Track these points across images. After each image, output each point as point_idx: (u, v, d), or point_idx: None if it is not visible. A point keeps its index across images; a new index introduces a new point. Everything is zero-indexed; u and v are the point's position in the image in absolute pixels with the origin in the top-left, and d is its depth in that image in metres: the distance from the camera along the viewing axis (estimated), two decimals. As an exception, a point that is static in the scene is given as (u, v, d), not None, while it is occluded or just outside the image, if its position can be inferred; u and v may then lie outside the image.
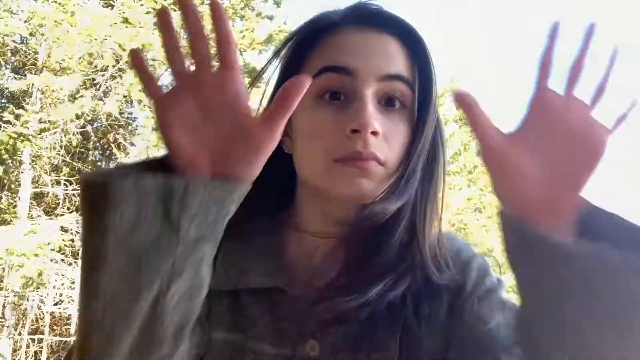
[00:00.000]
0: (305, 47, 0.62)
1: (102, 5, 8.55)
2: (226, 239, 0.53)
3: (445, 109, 20.01)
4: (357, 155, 0.55)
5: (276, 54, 0.66)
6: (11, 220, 7.34)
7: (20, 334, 8.21)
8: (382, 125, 0.57)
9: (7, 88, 7.24)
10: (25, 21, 7.34)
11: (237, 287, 0.62)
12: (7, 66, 8.62)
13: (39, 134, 6.98)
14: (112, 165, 11.20)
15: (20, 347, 8.35)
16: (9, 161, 7.12)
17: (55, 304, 8.61)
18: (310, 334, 0.59)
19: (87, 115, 8.23)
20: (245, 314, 0.61)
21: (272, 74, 0.67)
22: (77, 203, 9.33)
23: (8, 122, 6.77)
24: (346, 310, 0.58)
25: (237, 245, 0.63)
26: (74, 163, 9.48)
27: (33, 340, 8.62)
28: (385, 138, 0.57)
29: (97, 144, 10.21)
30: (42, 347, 8.98)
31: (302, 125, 0.60)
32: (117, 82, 8.27)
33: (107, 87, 8.69)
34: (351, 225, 0.61)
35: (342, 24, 0.61)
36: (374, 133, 0.56)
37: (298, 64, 0.62)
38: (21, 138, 6.60)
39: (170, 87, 0.48)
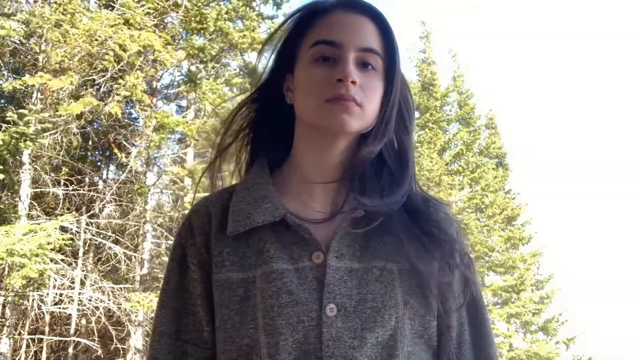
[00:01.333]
0: (304, 24, 0.84)
1: (102, 7, 8.56)
2: (234, 195, 0.81)
3: (449, 109, 20.09)
4: (341, 96, 0.76)
5: (278, 28, 0.88)
6: (11, 220, 7.34)
7: (20, 334, 8.21)
8: (359, 78, 0.78)
9: (7, 89, 7.22)
10: (24, 22, 7.33)
11: (245, 228, 0.78)
12: (7, 67, 8.62)
13: (39, 134, 6.97)
14: (112, 165, 11.21)
15: (20, 347, 8.35)
16: (10, 161, 7.11)
17: (55, 304, 8.62)
18: (316, 247, 0.77)
19: (88, 115, 8.23)
20: (257, 249, 0.78)
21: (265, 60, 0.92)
22: (76, 203, 9.34)
23: (9, 122, 6.77)
24: (350, 221, 0.79)
25: (242, 198, 0.81)
26: (74, 163, 9.49)
27: (33, 340, 8.62)
28: (361, 87, 0.78)
29: (97, 144, 10.22)
30: (42, 347, 8.99)
31: (302, 79, 0.81)
32: (118, 83, 8.27)
33: (107, 88, 8.69)
34: (348, 166, 0.82)
35: (332, 9, 0.82)
36: (353, 82, 0.77)
37: (299, 36, 0.84)
38: (23, 138, 6.59)
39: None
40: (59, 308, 8.51)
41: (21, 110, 6.78)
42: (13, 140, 6.53)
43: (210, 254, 0.79)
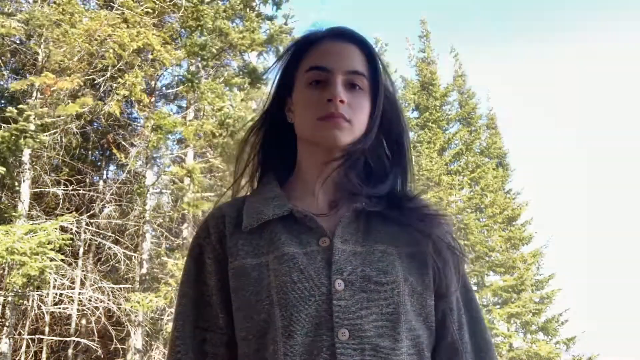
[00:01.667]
0: (299, 53, 0.96)
1: (102, 6, 8.56)
2: (246, 200, 0.94)
3: (449, 108, 20.08)
4: (331, 115, 0.88)
5: (278, 59, 0.99)
6: (11, 220, 7.34)
7: (20, 334, 8.21)
8: (346, 97, 0.89)
9: (7, 89, 7.22)
10: (24, 22, 7.33)
11: (258, 222, 0.89)
12: (7, 67, 8.62)
13: (39, 131, 6.96)
14: (112, 165, 11.22)
15: (20, 347, 8.35)
16: (10, 159, 7.11)
17: (55, 304, 8.62)
18: (323, 234, 0.87)
19: (87, 115, 8.23)
20: (268, 239, 0.88)
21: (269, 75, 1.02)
22: (76, 203, 9.34)
23: (9, 120, 6.76)
24: (357, 210, 0.90)
25: (253, 200, 0.93)
26: (74, 163, 9.49)
27: (33, 340, 8.62)
28: (349, 105, 0.90)
29: (97, 144, 10.22)
30: (42, 347, 8.99)
31: (298, 100, 0.93)
32: (117, 82, 8.26)
33: (107, 88, 8.69)
34: (341, 159, 0.92)
35: (323, 38, 0.95)
36: (341, 101, 0.88)
37: (296, 64, 0.96)
38: (23, 135, 6.59)
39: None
40: (59, 308, 8.51)
41: (21, 106, 6.77)
42: (13, 137, 6.53)
43: (224, 248, 0.90)
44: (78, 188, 9.00)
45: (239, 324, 0.86)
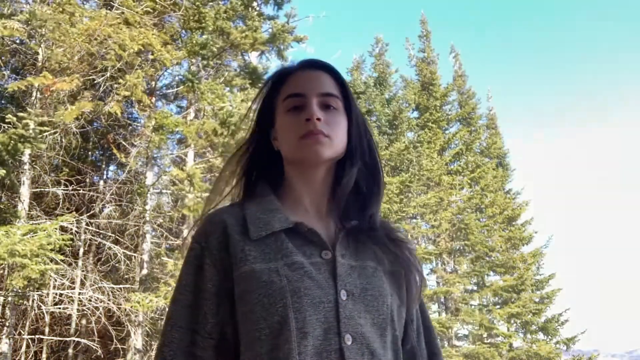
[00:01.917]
0: (276, 86, 1.06)
1: (101, 5, 8.55)
2: (245, 209, 0.99)
3: (449, 108, 20.07)
4: (310, 132, 0.97)
5: (258, 95, 1.10)
6: (11, 221, 7.33)
7: (20, 334, 8.21)
8: (322, 116, 0.99)
9: (11, 89, 7.20)
10: (24, 22, 7.32)
11: (267, 232, 0.95)
12: (7, 67, 8.61)
13: (39, 134, 6.95)
14: (112, 165, 11.21)
15: (20, 347, 8.35)
16: (10, 161, 7.10)
17: (55, 304, 8.62)
18: (325, 247, 0.96)
19: (87, 115, 8.22)
20: (275, 247, 0.95)
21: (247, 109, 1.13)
22: (76, 203, 9.33)
23: (9, 123, 6.75)
24: (348, 228, 1.00)
25: (255, 210, 1.00)
26: (74, 163, 9.48)
27: (33, 340, 8.62)
28: (326, 122, 0.99)
29: (97, 144, 10.22)
30: (42, 347, 8.99)
31: (280, 126, 1.03)
32: (118, 83, 8.26)
33: (107, 88, 8.68)
34: (336, 193, 1.04)
35: (296, 70, 1.06)
36: (318, 119, 0.98)
37: (274, 96, 1.06)
38: (22, 140, 6.58)
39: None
40: (59, 308, 8.51)
41: (20, 114, 6.77)
42: (12, 142, 6.52)
43: (229, 253, 0.94)
44: (78, 188, 9.00)
45: (250, 326, 0.91)
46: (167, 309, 0.98)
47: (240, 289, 0.92)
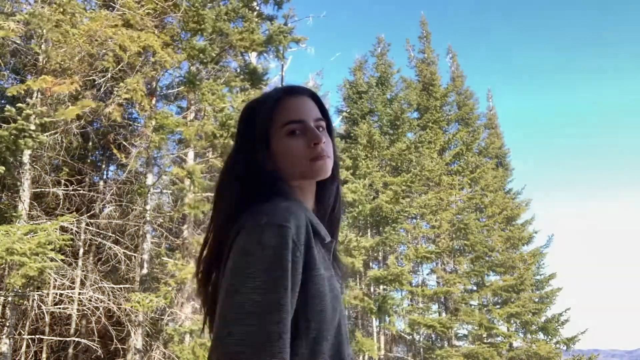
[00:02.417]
0: (271, 108, 1.15)
1: (102, 7, 8.55)
2: (307, 213, 1.05)
3: (449, 109, 20.08)
4: (319, 155, 1.11)
5: (246, 122, 1.18)
6: (12, 220, 7.35)
7: (20, 334, 8.22)
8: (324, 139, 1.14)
9: (11, 93, 7.20)
10: (25, 23, 7.33)
11: (328, 239, 1.09)
12: (7, 67, 8.62)
13: (39, 131, 6.96)
14: (112, 165, 11.21)
15: (21, 347, 8.36)
16: (10, 159, 7.11)
17: (55, 304, 8.63)
18: (330, 262, 1.08)
19: (88, 116, 8.24)
20: (323, 255, 1.05)
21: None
22: (77, 203, 9.34)
23: (9, 119, 6.76)
24: (336, 241, 1.17)
25: (310, 215, 1.07)
26: (74, 163, 9.49)
27: (33, 340, 8.63)
28: (325, 144, 1.13)
29: (98, 144, 10.23)
30: (42, 347, 9.00)
31: (283, 149, 1.12)
32: (118, 85, 8.27)
33: (107, 89, 8.69)
34: (325, 205, 1.20)
35: (283, 97, 1.15)
36: (324, 142, 1.12)
37: (268, 121, 1.14)
38: (22, 134, 6.59)
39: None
40: (59, 308, 8.52)
41: (20, 105, 6.77)
42: (12, 136, 6.53)
43: (310, 252, 0.99)
44: (78, 188, 9.01)
45: (323, 325, 0.98)
46: (266, 291, 0.91)
47: (316, 288, 0.98)
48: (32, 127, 6.80)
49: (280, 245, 0.93)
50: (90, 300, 8.38)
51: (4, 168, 6.53)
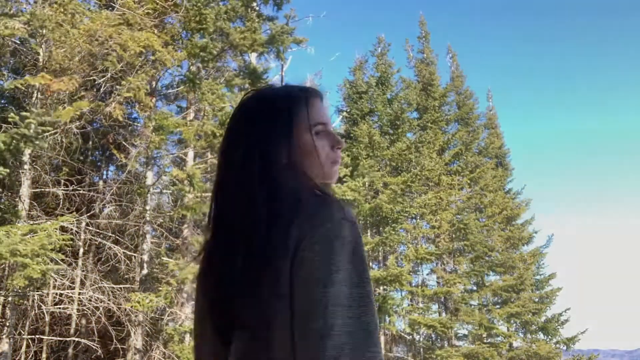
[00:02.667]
0: (302, 107, 1.15)
1: (103, 7, 8.55)
2: None
3: (448, 109, 20.07)
4: (338, 160, 1.14)
5: (276, 109, 1.16)
6: (12, 220, 7.34)
7: (20, 334, 8.22)
8: None
9: (8, 87, 7.21)
10: (25, 22, 7.33)
11: None
12: (7, 67, 8.62)
13: (39, 135, 6.96)
14: (112, 165, 11.21)
15: (21, 347, 8.36)
16: (11, 161, 7.11)
17: (56, 304, 8.63)
18: None
19: (88, 116, 8.23)
20: None
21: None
22: (77, 203, 9.34)
23: (11, 123, 6.76)
24: None
25: None
26: (74, 163, 9.49)
27: (33, 340, 8.63)
28: None
29: (98, 144, 10.23)
30: (42, 347, 8.99)
31: (309, 147, 1.11)
32: (119, 84, 8.27)
33: (107, 89, 8.69)
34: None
35: (314, 97, 1.16)
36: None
37: (298, 115, 1.13)
38: (23, 140, 6.59)
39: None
40: (59, 308, 8.52)
41: (24, 113, 6.77)
42: (14, 141, 6.53)
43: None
44: (78, 188, 9.00)
45: (370, 329, 0.95)
46: (347, 290, 0.90)
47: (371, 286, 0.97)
48: (33, 132, 6.80)
49: (359, 241, 0.96)
50: (90, 300, 8.38)
51: (6, 170, 6.53)
